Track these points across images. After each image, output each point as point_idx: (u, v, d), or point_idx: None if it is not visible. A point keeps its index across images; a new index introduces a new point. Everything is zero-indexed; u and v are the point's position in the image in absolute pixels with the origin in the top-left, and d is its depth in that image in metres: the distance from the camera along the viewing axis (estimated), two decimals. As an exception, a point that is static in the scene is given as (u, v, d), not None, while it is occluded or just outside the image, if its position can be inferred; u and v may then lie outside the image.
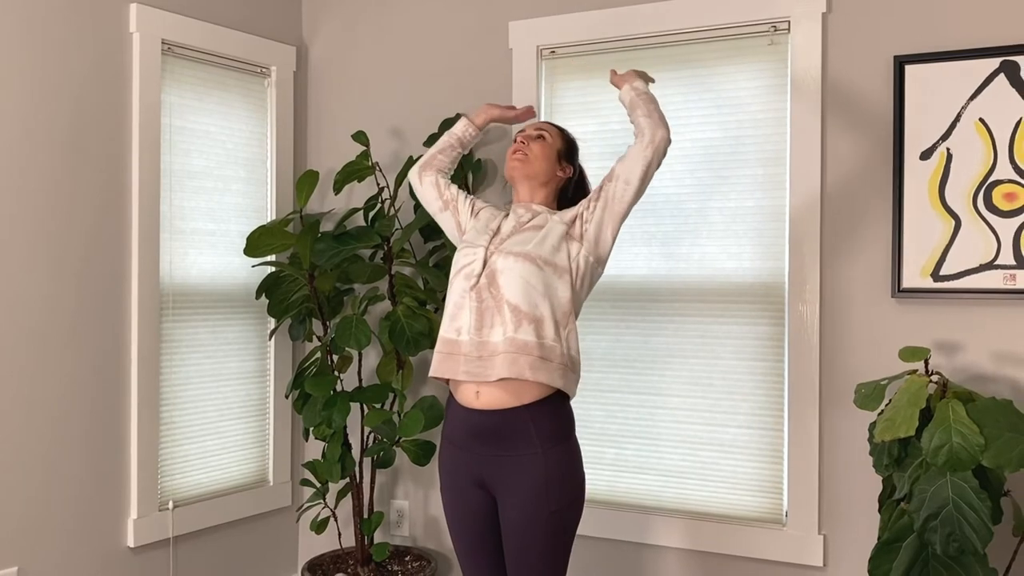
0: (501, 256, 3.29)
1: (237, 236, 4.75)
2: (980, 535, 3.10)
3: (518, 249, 3.28)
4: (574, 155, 3.63)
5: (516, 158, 3.49)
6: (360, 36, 5.06)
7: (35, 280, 3.92)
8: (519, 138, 3.55)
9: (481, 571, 3.43)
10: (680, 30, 4.23)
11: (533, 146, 3.49)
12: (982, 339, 3.74)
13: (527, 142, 3.51)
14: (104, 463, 4.20)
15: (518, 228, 3.41)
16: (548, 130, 3.56)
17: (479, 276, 3.30)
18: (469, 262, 3.36)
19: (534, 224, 3.39)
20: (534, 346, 3.18)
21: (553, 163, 3.52)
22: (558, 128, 3.62)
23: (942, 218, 3.75)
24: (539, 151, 3.49)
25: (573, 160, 3.61)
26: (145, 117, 4.30)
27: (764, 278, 4.12)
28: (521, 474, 3.21)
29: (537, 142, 3.51)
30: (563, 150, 3.56)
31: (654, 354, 4.34)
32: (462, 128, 3.81)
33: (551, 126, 3.60)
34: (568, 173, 3.57)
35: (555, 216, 3.41)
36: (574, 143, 3.65)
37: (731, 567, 4.20)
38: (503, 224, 3.48)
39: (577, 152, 3.65)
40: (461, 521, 3.42)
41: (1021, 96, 3.65)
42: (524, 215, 3.46)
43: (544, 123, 3.64)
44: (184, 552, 4.55)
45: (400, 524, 4.94)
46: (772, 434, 4.12)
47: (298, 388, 4.55)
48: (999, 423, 3.15)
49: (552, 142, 3.53)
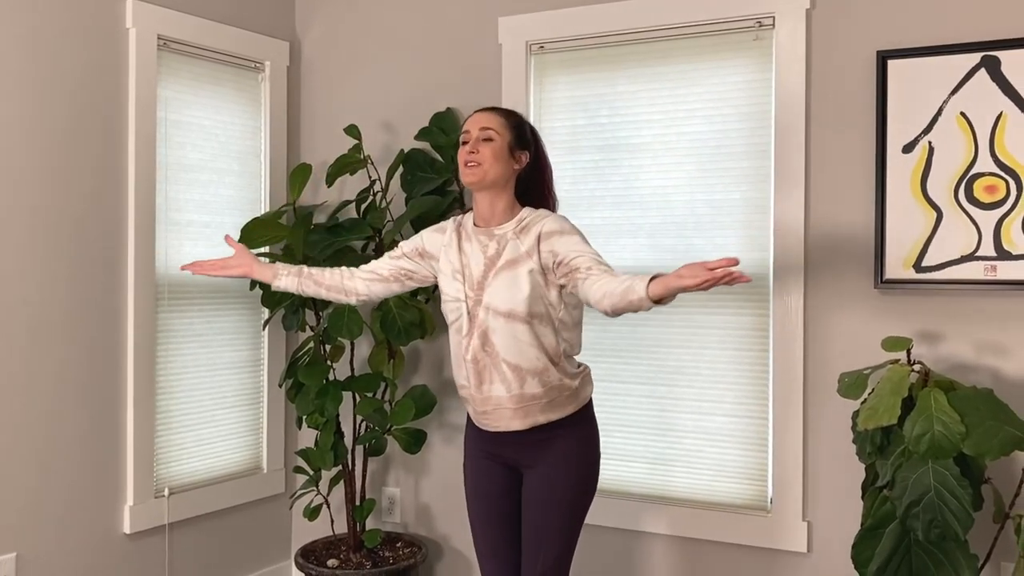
0: (487, 313, 3.26)
1: (231, 228, 4.78)
2: (961, 521, 3.15)
3: (504, 308, 3.23)
4: (526, 139, 3.40)
5: (469, 169, 3.30)
6: (352, 32, 5.09)
7: (32, 271, 3.96)
8: (466, 140, 3.35)
9: (495, 543, 3.50)
10: (667, 26, 4.27)
11: (483, 150, 3.29)
12: (963, 329, 3.78)
13: (476, 148, 3.31)
14: (100, 451, 4.24)
15: (489, 267, 3.29)
16: (494, 126, 3.34)
17: (470, 334, 3.31)
18: (456, 318, 3.37)
19: (505, 261, 3.26)
20: (541, 395, 3.28)
21: (507, 161, 3.32)
22: (503, 117, 3.38)
23: (924, 210, 3.79)
24: (490, 154, 3.29)
25: (526, 145, 3.39)
26: (141, 111, 4.34)
27: (749, 269, 4.16)
28: (547, 450, 3.35)
29: (486, 145, 3.30)
30: (513, 141, 3.34)
31: (640, 344, 4.39)
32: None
33: (496, 117, 3.37)
34: (524, 162, 3.38)
35: (522, 244, 3.25)
36: (523, 125, 3.42)
37: (716, 553, 4.25)
38: (469, 259, 3.35)
39: (527, 132, 3.42)
40: (481, 491, 3.51)
41: (1001, 90, 3.69)
42: (490, 246, 3.32)
43: (488, 116, 3.38)
44: (179, 538, 4.60)
45: (391, 511, 4.99)
46: (757, 422, 4.17)
47: (291, 377, 4.59)
48: (980, 412, 3.19)
49: (501, 139, 3.32)
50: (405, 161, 4.63)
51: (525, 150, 3.38)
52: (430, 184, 4.59)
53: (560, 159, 4.51)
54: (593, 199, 4.46)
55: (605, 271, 3.07)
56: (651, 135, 4.34)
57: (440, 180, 4.58)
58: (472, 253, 3.35)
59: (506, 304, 3.22)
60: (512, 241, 3.28)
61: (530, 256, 3.23)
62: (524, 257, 3.24)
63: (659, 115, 4.33)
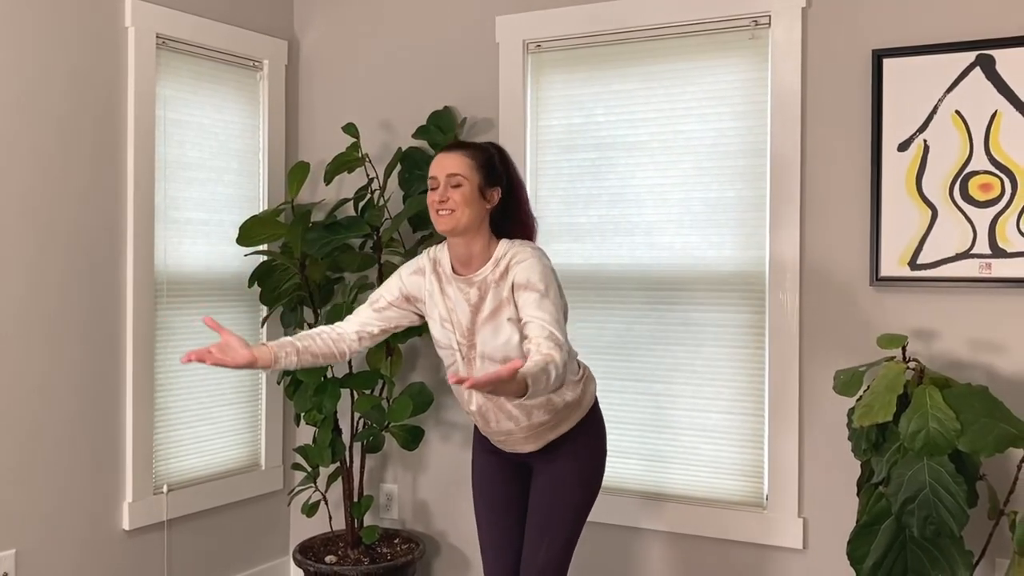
0: (484, 362, 3.26)
1: (230, 226, 4.80)
2: (956, 518, 3.17)
3: (499, 355, 3.21)
4: (496, 175, 3.29)
5: (441, 216, 3.20)
6: (350, 31, 5.11)
7: (31, 269, 3.97)
8: (434, 187, 3.24)
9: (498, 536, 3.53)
10: (663, 24, 4.28)
11: (454, 196, 3.18)
12: (958, 327, 3.80)
13: (446, 195, 3.19)
14: (100, 448, 4.26)
15: (474, 313, 3.25)
16: (462, 171, 3.21)
17: (471, 371, 3.32)
18: (451, 363, 3.37)
19: (489, 312, 3.22)
20: (549, 419, 3.32)
21: (479, 203, 3.22)
22: (470, 157, 3.24)
23: (919, 208, 3.81)
24: (461, 200, 3.18)
25: (497, 181, 3.29)
26: (140, 109, 4.35)
27: (745, 267, 4.18)
28: (557, 450, 3.40)
29: (456, 191, 3.18)
30: (483, 181, 3.23)
31: (637, 341, 4.41)
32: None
33: (462, 159, 3.23)
34: (496, 199, 3.28)
35: (502, 290, 3.20)
36: (491, 160, 3.29)
37: (712, 550, 4.26)
38: (455, 305, 3.29)
39: (497, 166, 3.31)
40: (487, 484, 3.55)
41: (996, 89, 3.70)
42: (471, 293, 3.26)
43: (455, 160, 3.23)
44: (178, 535, 4.61)
45: (389, 507, 5.00)
46: (753, 419, 4.19)
47: (289, 374, 4.60)
48: (975, 409, 3.21)
49: (470, 183, 3.20)
50: (403, 159, 4.64)
51: (496, 186, 3.28)
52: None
53: (556, 157, 4.54)
54: (589, 197, 4.47)
55: (537, 347, 3.02)
56: (647, 134, 4.36)
57: (438, 178, 4.58)
58: (456, 299, 3.29)
59: (500, 352, 3.22)
60: (493, 288, 3.22)
61: (508, 303, 3.20)
62: (504, 304, 3.20)
63: (655, 114, 4.34)
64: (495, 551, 3.53)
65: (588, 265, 4.47)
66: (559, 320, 3.09)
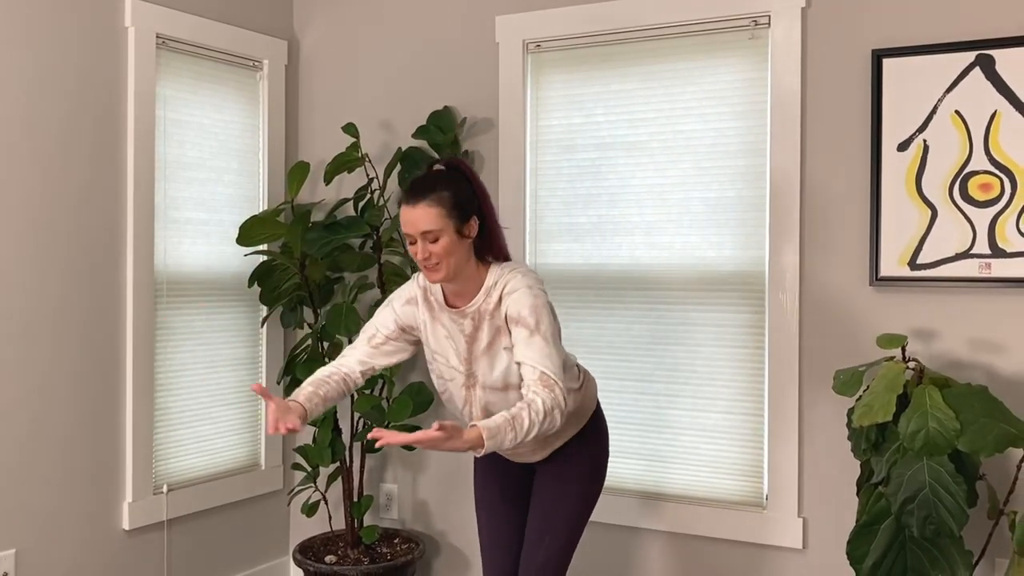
0: (485, 391, 3.26)
1: (230, 226, 4.80)
2: (956, 518, 3.17)
3: (500, 383, 3.22)
4: (468, 206, 3.15)
5: (429, 270, 3.13)
6: (350, 31, 5.11)
7: (31, 269, 3.98)
8: (411, 241, 3.13)
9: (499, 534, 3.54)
10: (663, 24, 4.28)
11: (436, 250, 3.07)
12: (958, 327, 3.80)
13: (427, 252, 3.09)
14: (100, 448, 4.26)
15: (470, 343, 3.22)
16: (434, 224, 3.07)
17: (468, 406, 3.33)
18: (445, 389, 3.38)
19: (485, 344, 3.20)
20: (553, 431, 3.29)
21: (462, 245, 3.12)
22: (438, 205, 3.08)
23: (919, 208, 3.81)
24: (444, 251, 3.08)
25: (472, 211, 3.16)
26: (140, 109, 4.35)
27: (745, 267, 4.19)
28: (561, 452, 3.42)
29: (436, 244, 3.08)
30: (459, 224, 3.10)
31: (637, 341, 4.41)
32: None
33: (432, 211, 3.07)
34: (476, 227, 3.17)
35: (496, 319, 3.17)
36: (459, 192, 3.14)
37: (712, 549, 4.26)
38: (451, 335, 3.26)
39: (466, 195, 3.16)
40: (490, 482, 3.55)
41: (996, 89, 3.70)
42: (465, 324, 3.22)
43: (424, 215, 3.07)
44: (178, 535, 4.61)
45: (389, 507, 5.00)
46: (753, 419, 4.19)
47: (289, 374, 4.61)
48: (974, 409, 3.21)
49: (448, 232, 3.08)
50: (403, 159, 4.65)
51: (472, 216, 3.16)
52: (428, 182, 4.60)
53: (556, 157, 4.54)
54: (589, 197, 4.47)
55: (526, 394, 3.03)
56: (647, 133, 4.36)
57: (438, 178, 4.59)
58: (451, 330, 3.26)
59: (500, 379, 3.21)
60: (488, 318, 3.18)
61: (503, 332, 3.17)
62: (499, 334, 3.18)
63: (655, 113, 4.35)
64: (496, 550, 3.53)
65: (588, 265, 4.47)
66: (550, 353, 3.05)
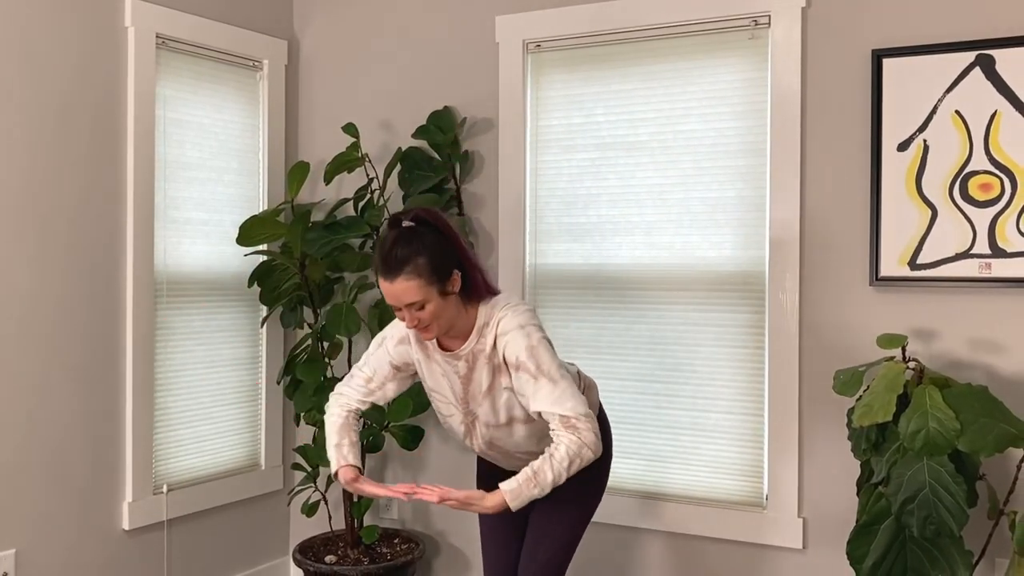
0: (489, 429, 3.27)
1: (230, 226, 4.80)
2: (956, 518, 3.17)
3: (503, 419, 3.23)
4: (446, 262, 3.05)
5: (421, 332, 3.10)
6: (350, 30, 5.11)
7: (31, 269, 3.98)
8: (397, 309, 3.07)
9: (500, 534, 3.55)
10: (663, 24, 4.29)
11: (423, 316, 3.03)
12: (958, 326, 3.80)
13: (414, 320, 3.05)
14: (100, 448, 4.26)
15: (465, 384, 3.21)
16: (416, 296, 2.99)
17: (469, 438, 3.35)
18: (445, 420, 3.39)
19: (484, 390, 3.18)
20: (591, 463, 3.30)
21: (447, 303, 3.06)
22: (415, 274, 2.99)
23: (919, 208, 3.81)
24: (431, 316, 3.03)
25: (451, 264, 3.06)
26: (140, 109, 4.35)
27: (745, 267, 4.19)
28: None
29: (422, 311, 3.02)
30: (440, 285, 3.02)
31: (637, 341, 4.41)
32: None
33: (412, 283, 2.99)
34: (459, 283, 3.08)
35: (494, 359, 3.13)
36: (435, 252, 3.03)
37: (712, 549, 4.26)
38: (447, 375, 3.23)
39: (442, 249, 3.06)
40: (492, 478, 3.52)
41: (996, 89, 3.70)
42: (459, 366, 3.19)
43: (404, 288, 3.00)
44: (178, 535, 4.61)
45: (389, 507, 5.00)
46: (753, 419, 4.19)
47: (289, 374, 4.61)
48: (974, 409, 3.21)
49: (432, 298, 3.02)
50: (403, 159, 4.65)
51: (452, 271, 3.06)
52: (427, 182, 4.61)
53: (556, 157, 4.54)
54: (589, 197, 4.48)
55: (553, 440, 3.05)
56: (647, 133, 4.36)
57: (437, 178, 4.60)
58: (446, 370, 3.24)
59: (504, 416, 3.22)
60: (484, 361, 3.15)
61: (502, 372, 3.14)
62: (498, 374, 3.15)
63: (655, 113, 4.35)
64: (496, 549, 3.54)
65: (588, 265, 4.47)
66: (559, 391, 3.03)
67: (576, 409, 3.02)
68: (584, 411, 3.03)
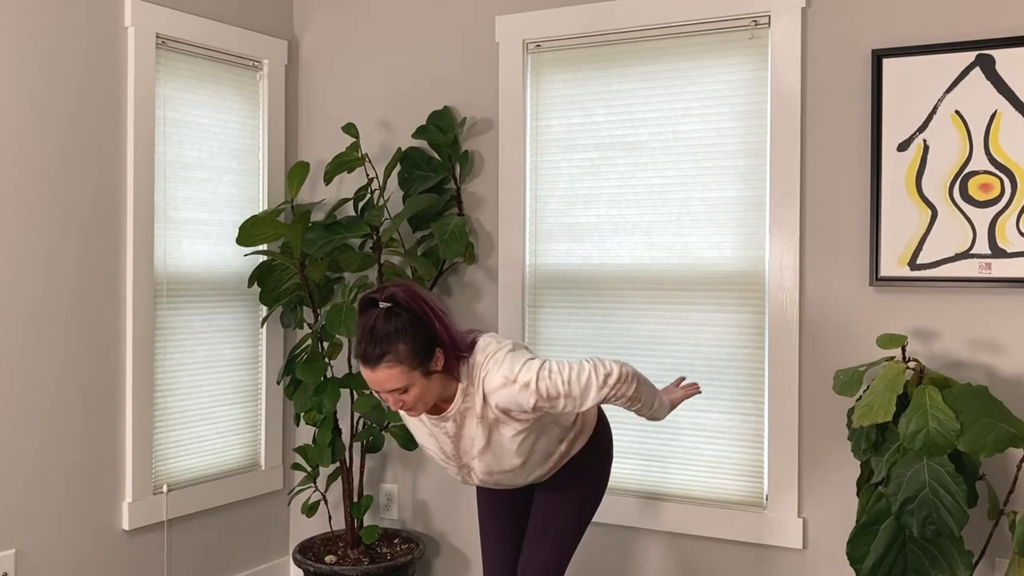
0: (491, 477, 3.28)
1: (230, 226, 4.81)
2: (956, 518, 3.17)
3: (507, 467, 3.24)
4: (428, 343, 3.00)
5: (407, 411, 3.06)
6: (350, 30, 5.11)
7: (32, 269, 3.98)
8: (387, 401, 3.04)
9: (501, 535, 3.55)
10: (663, 24, 4.29)
11: (408, 399, 3.00)
12: (958, 326, 3.80)
13: (399, 402, 3.02)
14: (99, 448, 4.26)
15: (456, 442, 3.21)
16: (399, 382, 2.95)
17: (468, 480, 3.34)
18: (446, 469, 3.39)
19: (483, 441, 3.16)
20: (564, 452, 3.32)
21: (432, 381, 3.02)
22: (396, 361, 2.94)
23: (919, 208, 3.81)
24: (417, 398, 3.00)
25: (433, 345, 3.01)
26: (140, 109, 4.35)
27: (745, 267, 4.19)
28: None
29: (406, 395, 2.99)
30: (423, 368, 2.98)
31: (637, 341, 4.40)
32: None
33: (392, 371, 2.94)
34: (442, 360, 3.03)
35: (489, 413, 3.10)
36: (417, 343, 2.97)
37: (712, 550, 4.26)
38: (435, 434, 3.23)
39: (426, 339, 3.00)
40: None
41: (996, 89, 3.70)
42: (448, 427, 3.17)
43: (388, 376, 2.95)
44: (178, 535, 4.61)
45: (389, 507, 5.00)
46: (753, 419, 4.19)
47: (289, 374, 4.60)
48: (975, 409, 3.21)
49: (415, 381, 2.98)
50: (403, 159, 4.65)
51: (434, 349, 3.01)
52: (427, 182, 4.61)
53: (556, 157, 4.54)
54: (589, 197, 4.47)
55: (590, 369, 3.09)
56: (647, 133, 4.36)
57: (437, 178, 4.60)
58: (433, 431, 3.23)
59: (518, 459, 3.22)
60: (475, 418, 3.12)
61: (500, 424, 3.13)
62: (496, 427, 3.13)
63: (655, 113, 4.35)
64: (497, 549, 3.54)
65: (588, 265, 4.47)
66: (546, 387, 3.01)
67: (568, 378, 3.04)
68: (564, 375, 3.05)
